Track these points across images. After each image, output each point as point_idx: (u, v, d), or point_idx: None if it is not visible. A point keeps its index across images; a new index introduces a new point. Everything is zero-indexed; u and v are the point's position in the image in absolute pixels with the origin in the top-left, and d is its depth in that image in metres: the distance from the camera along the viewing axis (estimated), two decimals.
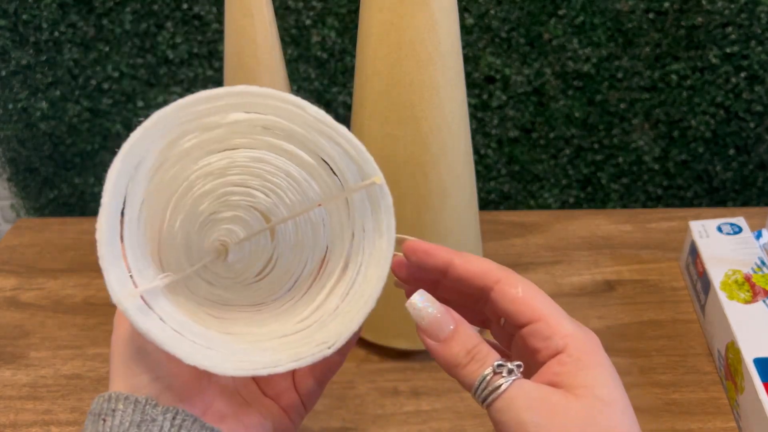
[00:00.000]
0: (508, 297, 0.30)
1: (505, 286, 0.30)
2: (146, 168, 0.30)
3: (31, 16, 0.68)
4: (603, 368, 0.29)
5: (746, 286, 0.52)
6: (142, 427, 0.29)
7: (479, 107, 0.71)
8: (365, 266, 0.33)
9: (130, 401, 0.29)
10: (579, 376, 0.28)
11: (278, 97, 0.30)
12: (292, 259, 0.36)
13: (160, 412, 0.29)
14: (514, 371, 0.28)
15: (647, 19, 0.66)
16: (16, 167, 0.77)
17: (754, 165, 0.73)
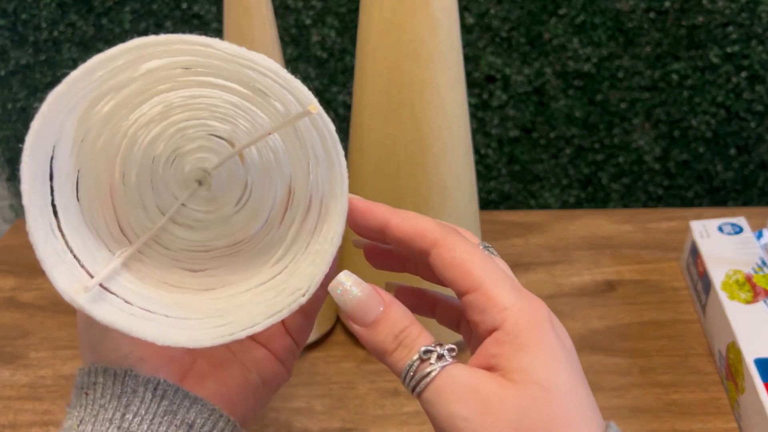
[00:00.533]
0: (444, 262, 0.27)
1: (441, 250, 0.27)
2: (66, 149, 0.28)
3: (31, 16, 0.67)
4: (545, 346, 0.25)
5: (747, 287, 0.52)
6: (122, 399, 0.29)
7: (479, 107, 0.71)
8: (327, 198, 0.31)
9: (110, 374, 0.29)
10: (516, 358, 0.25)
11: (183, 40, 0.28)
12: (264, 186, 0.35)
13: (141, 382, 0.29)
14: (445, 356, 0.26)
15: (648, 19, 0.66)
16: (16, 167, 0.77)
17: (754, 165, 0.73)
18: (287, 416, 0.50)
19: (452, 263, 0.27)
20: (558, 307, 0.58)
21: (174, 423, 0.29)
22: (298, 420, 0.49)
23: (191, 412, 0.29)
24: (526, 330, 0.25)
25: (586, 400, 0.25)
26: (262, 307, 0.30)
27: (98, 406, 0.29)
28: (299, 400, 0.51)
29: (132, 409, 0.29)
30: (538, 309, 0.26)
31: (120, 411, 0.28)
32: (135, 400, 0.29)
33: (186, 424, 0.29)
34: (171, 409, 0.29)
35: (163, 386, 0.29)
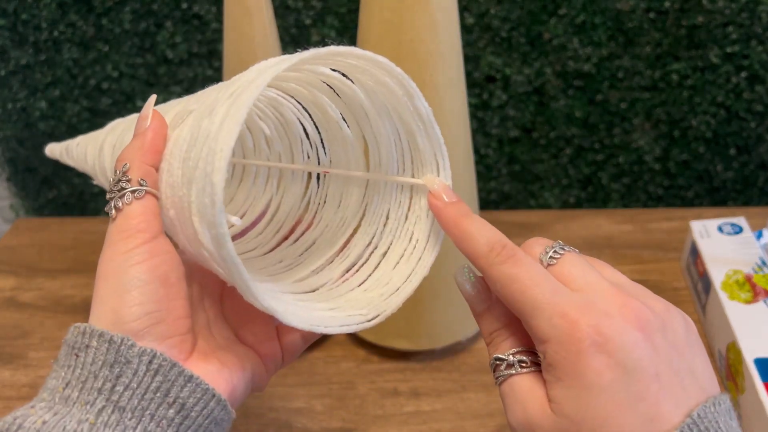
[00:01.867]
0: (492, 291, 0.30)
1: (488, 280, 0.29)
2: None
3: (31, 16, 0.67)
4: (579, 380, 0.26)
5: (747, 287, 0.52)
6: (115, 368, 0.27)
7: (479, 107, 0.71)
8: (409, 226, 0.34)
9: (105, 339, 0.27)
10: (555, 388, 0.26)
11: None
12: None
13: (136, 353, 0.27)
14: (514, 365, 0.28)
15: (648, 19, 0.66)
16: (15, 167, 0.77)
17: (754, 165, 0.73)
18: (287, 416, 0.50)
19: (497, 295, 0.29)
20: None
21: (166, 401, 0.27)
22: (298, 420, 0.49)
23: (185, 391, 0.28)
24: (561, 364, 0.26)
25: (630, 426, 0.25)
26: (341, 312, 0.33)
27: (87, 372, 0.27)
28: (299, 400, 0.51)
29: (123, 381, 0.27)
30: (578, 339, 0.26)
31: (111, 381, 0.27)
32: (127, 372, 0.27)
33: (178, 403, 0.28)
34: (164, 385, 0.27)
35: (158, 360, 0.28)
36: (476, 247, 0.29)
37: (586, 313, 0.26)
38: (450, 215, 0.31)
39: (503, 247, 0.29)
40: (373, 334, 0.53)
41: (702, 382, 0.27)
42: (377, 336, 0.53)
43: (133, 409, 0.27)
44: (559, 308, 0.26)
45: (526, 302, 0.27)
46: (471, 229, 0.30)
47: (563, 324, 0.26)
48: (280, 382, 0.52)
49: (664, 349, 0.26)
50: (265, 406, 0.50)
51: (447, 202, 0.31)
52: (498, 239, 0.29)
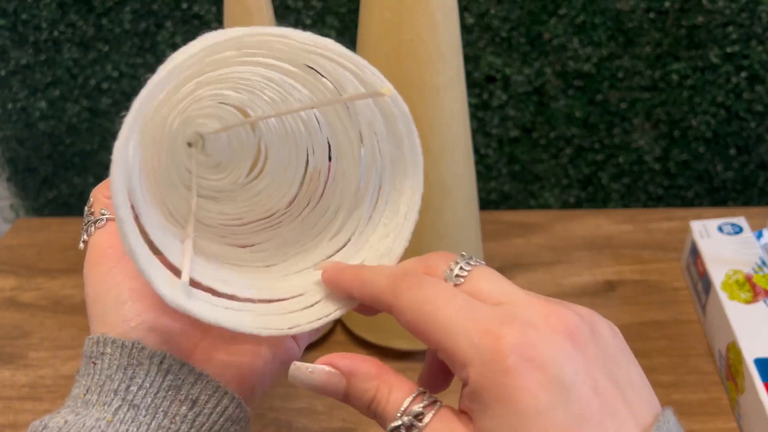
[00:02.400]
0: (404, 325, 0.26)
1: (396, 314, 0.26)
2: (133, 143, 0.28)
3: (31, 16, 0.67)
4: (509, 405, 0.22)
5: (747, 287, 0.52)
6: (128, 371, 0.29)
7: (479, 107, 0.71)
8: (392, 175, 0.32)
9: (117, 345, 0.29)
10: (483, 419, 0.23)
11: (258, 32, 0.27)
12: (285, 155, 0.36)
13: (147, 356, 0.29)
14: (414, 426, 0.24)
15: (648, 19, 0.66)
16: (16, 167, 0.77)
17: (755, 165, 0.73)
18: (287, 416, 0.50)
19: (409, 326, 0.26)
20: None
21: (178, 398, 0.29)
22: (299, 420, 0.49)
23: (195, 388, 0.29)
24: (487, 388, 0.23)
25: None
26: (319, 296, 0.31)
27: (104, 377, 0.29)
28: (300, 400, 0.51)
29: (137, 382, 0.29)
30: (504, 355, 0.22)
31: (125, 383, 0.29)
32: (140, 373, 0.29)
33: (190, 400, 0.29)
34: (175, 384, 0.29)
35: (168, 360, 0.29)
36: (378, 285, 0.27)
37: (509, 326, 0.23)
38: (348, 273, 0.29)
39: (405, 274, 0.27)
40: (374, 334, 0.53)
41: (644, 396, 0.24)
42: (377, 336, 0.53)
43: (147, 407, 0.28)
44: (478, 324, 0.23)
45: (440, 324, 0.24)
46: (370, 272, 0.28)
47: (485, 341, 0.23)
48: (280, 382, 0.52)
49: (599, 359, 0.23)
50: (265, 406, 0.50)
51: (342, 268, 0.30)
52: (400, 270, 0.27)
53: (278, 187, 0.37)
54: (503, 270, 0.63)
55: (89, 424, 0.27)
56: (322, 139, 0.35)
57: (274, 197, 0.37)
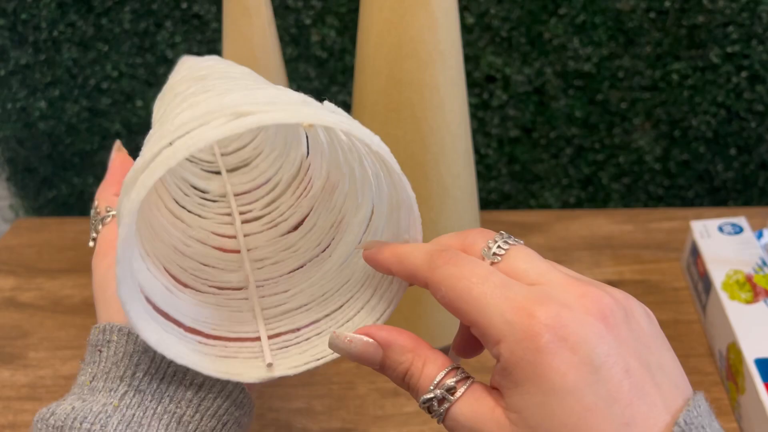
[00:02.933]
0: (440, 301, 0.26)
1: (432, 290, 0.26)
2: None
3: (30, 16, 0.67)
4: (540, 383, 0.22)
5: (747, 287, 0.52)
6: (134, 357, 0.29)
7: (479, 107, 0.71)
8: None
9: (124, 332, 0.30)
10: (513, 396, 0.23)
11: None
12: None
13: None
14: (447, 398, 0.25)
15: (648, 19, 0.66)
16: (15, 167, 0.77)
17: (755, 165, 0.73)
18: (287, 416, 0.49)
19: (444, 301, 0.26)
20: None
21: (183, 383, 0.30)
22: (298, 420, 0.49)
23: (200, 374, 0.30)
24: (518, 365, 0.23)
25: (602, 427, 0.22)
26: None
27: (110, 364, 0.30)
28: (299, 401, 0.51)
29: (142, 368, 0.29)
30: (537, 334, 0.23)
31: (131, 369, 0.29)
32: (145, 359, 0.29)
33: (195, 384, 0.30)
34: (181, 369, 0.30)
35: None
36: (415, 261, 0.27)
37: (543, 305, 0.23)
38: (387, 250, 0.29)
39: (442, 250, 0.27)
40: None
41: (675, 379, 0.24)
42: None
43: (153, 392, 0.29)
44: (513, 302, 0.24)
45: (474, 301, 0.24)
46: (407, 249, 0.28)
47: (518, 319, 0.23)
48: (280, 382, 0.52)
49: (631, 342, 0.24)
50: (265, 406, 0.50)
51: (381, 246, 0.30)
52: (436, 246, 0.27)
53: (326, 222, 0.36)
54: None
55: (96, 410, 0.28)
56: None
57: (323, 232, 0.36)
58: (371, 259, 0.30)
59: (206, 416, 0.30)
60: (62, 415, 0.28)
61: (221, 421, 0.30)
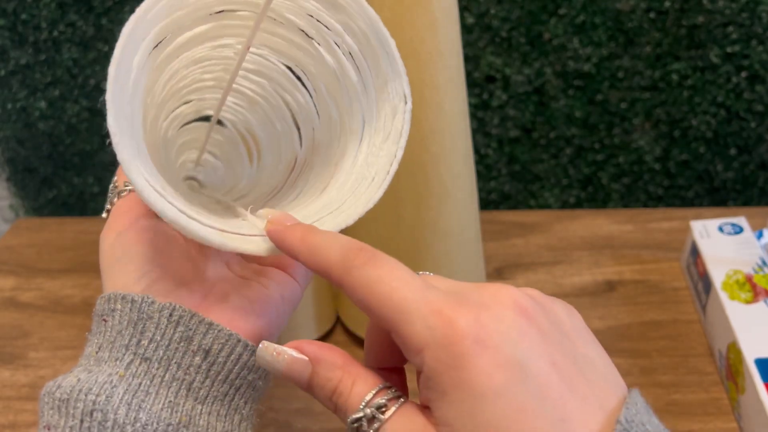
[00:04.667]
0: (355, 301, 0.25)
1: (348, 291, 0.25)
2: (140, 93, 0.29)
3: (30, 16, 0.67)
4: (466, 389, 0.21)
5: (747, 287, 0.52)
6: (139, 325, 0.29)
7: (479, 107, 0.71)
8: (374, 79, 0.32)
9: (127, 300, 0.29)
10: (441, 407, 0.22)
11: None
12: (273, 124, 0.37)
13: (157, 309, 0.29)
14: (377, 417, 0.24)
15: (648, 19, 0.66)
16: (15, 167, 0.77)
17: (755, 165, 0.73)
18: (287, 417, 0.50)
19: (361, 305, 0.24)
20: None
21: (191, 348, 0.29)
22: (298, 420, 0.49)
23: (207, 337, 0.29)
24: (444, 373, 0.22)
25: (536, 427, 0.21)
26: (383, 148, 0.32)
27: (115, 332, 0.29)
28: (299, 401, 0.51)
29: (147, 335, 0.29)
30: (460, 336, 0.22)
31: (136, 337, 0.29)
32: (150, 326, 0.29)
33: (203, 350, 0.29)
34: (187, 335, 0.29)
35: (178, 311, 0.29)
36: (329, 256, 0.25)
37: (463, 307, 0.22)
38: (295, 233, 0.27)
39: (360, 249, 0.25)
40: None
41: (605, 374, 0.23)
42: None
43: (159, 359, 0.28)
44: (434, 306, 0.23)
45: (394, 305, 0.23)
46: (320, 239, 0.26)
47: (440, 323, 0.22)
48: (280, 383, 0.52)
49: (555, 335, 0.23)
50: (265, 406, 0.50)
51: (288, 224, 0.29)
52: (353, 243, 0.25)
53: (280, 142, 0.37)
54: (503, 270, 0.63)
55: (101, 380, 0.27)
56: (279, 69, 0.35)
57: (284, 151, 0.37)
58: (276, 239, 0.28)
59: (217, 381, 0.29)
60: (68, 388, 0.27)
61: (234, 385, 0.30)
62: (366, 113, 0.33)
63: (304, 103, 0.35)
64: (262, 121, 0.37)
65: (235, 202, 0.36)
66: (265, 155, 0.38)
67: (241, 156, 0.39)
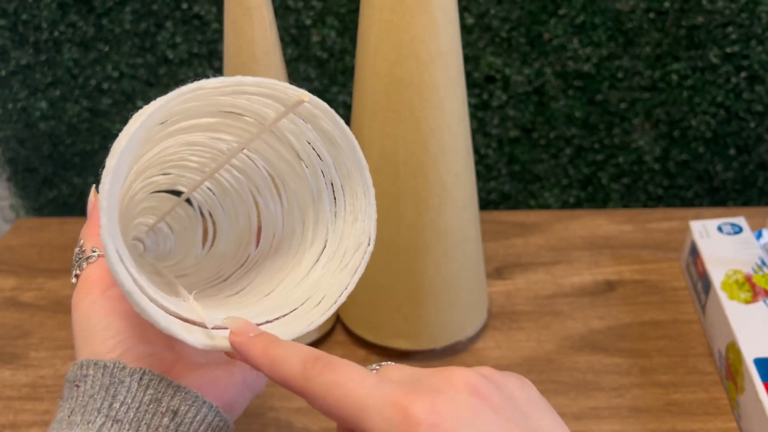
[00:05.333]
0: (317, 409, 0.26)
1: (309, 400, 0.26)
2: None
3: (31, 16, 0.67)
4: None
5: (747, 286, 0.52)
6: (110, 389, 0.30)
7: (479, 107, 0.71)
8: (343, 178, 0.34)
9: (99, 366, 0.30)
10: None
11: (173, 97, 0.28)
12: (231, 205, 0.38)
13: (128, 373, 0.30)
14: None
15: (648, 19, 0.66)
16: (16, 167, 0.77)
17: (754, 165, 0.73)
18: (287, 416, 0.50)
19: (323, 410, 0.25)
20: (558, 307, 0.58)
21: (159, 410, 0.30)
22: (298, 420, 0.49)
23: (175, 399, 0.30)
24: None
25: None
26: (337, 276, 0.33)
27: (87, 397, 0.30)
28: (299, 400, 0.51)
29: (119, 399, 0.30)
30: (415, 424, 0.23)
31: (108, 401, 0.30)
32: (122, 390, 0.30)
33: (171, 411, 0.30)
34: (156, 397, 0.30)
35: (148, 375, 0.30)
36: (290, 368, 0.26)
37: (417, 394, 0.24)
38: (258, 346, 0.28)
39: (316, 359, 0.26)
40: (373, 334, 0.53)
41: None
42: (377, 336, 0.53)
43: (130, 421, 0.29)
44: (389, 398, 0.24)
45: (352, 405, 0.24)
46: (281, 352, 0.27)
47: (396, 414, 0.23)
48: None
49: (508, 411, 0.24)
50: (265, 405, 0.50)
51: (252, 336, 0.29)
52: (310, 353, 0.27)
53: (239, 236, 0.38)
54: (503, 270, 0.63)
55: None
56: (262, 174, 0.36)
57: (240, 246, 0.38)
58: (240, 350, 0.29)
59: None
60: None
61: None
62: (330, 239, 0.35)
63: (273, 210, 0.37)
64: (227, 211, 0.39)
65: (175, 278, 0.36)
66: (220, 243, 0.40)
67: (197, 236, 0.41)
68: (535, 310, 0.58)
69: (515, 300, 0.59)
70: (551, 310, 0.58)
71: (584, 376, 0.51)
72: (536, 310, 0.58)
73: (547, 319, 0.57)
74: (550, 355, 0.53)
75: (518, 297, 0.60)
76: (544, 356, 0.53)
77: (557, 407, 0.52)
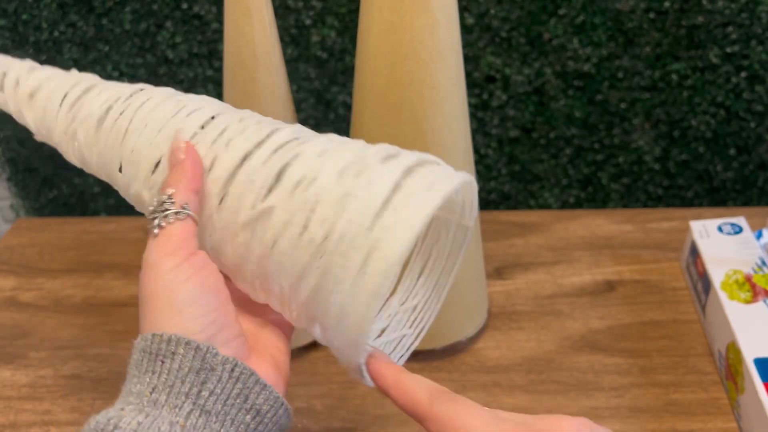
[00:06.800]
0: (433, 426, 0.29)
1: (427, 424, 0.29)
2: None
3: (31, 16, 0.67)
4: None
5: (747, 286, 0.52)
6: (201, 374, 0.29)
7: (479, 107, 0.71)
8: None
9: (191, 347, 0.28)
10: None
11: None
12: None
13: (220, 361, 0.29)
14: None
15: (648, 19, 0.66)
16: (16, 167, 0.77)
17: (754, 165, 0.73)
18: None
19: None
20: (558, 307, 0.58)
21: (245, 407, 0.30)
22: (299, 420, 0.49)
23: (260, 398, 0.30)
24: None
25: None
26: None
27: (174, 377, 0.28)
28: (299, 400, 0.51)
29: (208, 387, 0.29)
30: None
31: (197, 387, 0.28)
32: (212, 378, 0.29)
33: (254, 410, 0.30)
34: (244, 392, 0.29)
35: (240, 368, 0.29)
36: (418, 394, 0.30)
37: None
38: (390, 374, 0.31)
39: (442, 392, 0.29)
40: None
41: None
42: None
43: (218, 414, 0.29)
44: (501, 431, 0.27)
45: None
46: (410, 382, 0.30)
47: None
48: None
49: None
50: None
51: (385, 364, 0.31)
52: (436, 386, 0.30)
53: None
54: (503, 270, 0.63)
55: (164, 429, 0.27)
56: None
57: None
58: (374, 373, 0.31)
59: None
60: (128, 430, 0.26)
61: None
62: None
63: None
64: None
65: None
66: None
67: None
68: (535, 310, 0.58)
69: (515, 300, 0.59)
70: (551, 310, 0.58)
71: (584, 376, 0.51)
72: (536, 310, 0.58)
73: (547, 319, 0.57)
74: (550, 355, 0.53)
75: (518, 297, 0.60)
76: (544, 356, 0.53)
77: (557, 407, 0.52)
